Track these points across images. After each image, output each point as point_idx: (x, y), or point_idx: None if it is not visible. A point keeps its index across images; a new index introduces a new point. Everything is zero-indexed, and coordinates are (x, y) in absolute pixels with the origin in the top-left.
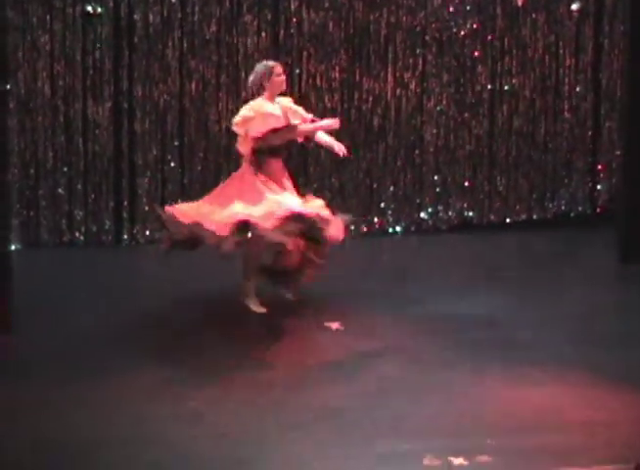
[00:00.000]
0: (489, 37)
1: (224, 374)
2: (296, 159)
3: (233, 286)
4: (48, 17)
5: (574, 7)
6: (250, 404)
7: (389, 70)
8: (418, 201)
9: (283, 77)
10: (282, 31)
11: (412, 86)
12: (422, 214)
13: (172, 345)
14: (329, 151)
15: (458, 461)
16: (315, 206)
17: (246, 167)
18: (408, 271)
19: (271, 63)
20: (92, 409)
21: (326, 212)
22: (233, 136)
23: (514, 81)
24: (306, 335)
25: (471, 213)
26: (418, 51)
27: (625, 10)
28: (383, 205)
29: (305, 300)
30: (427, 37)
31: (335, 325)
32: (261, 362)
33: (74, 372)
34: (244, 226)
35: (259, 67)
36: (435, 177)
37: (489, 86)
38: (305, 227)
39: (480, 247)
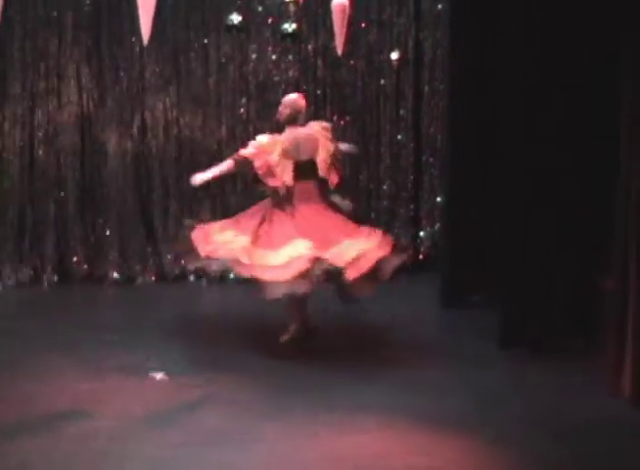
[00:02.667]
0: (311, 86)
1: (50, 425)
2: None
3: (71, 338)
4: None
5: (394, 56)
6: (74, 456)
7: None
8: None
9: None
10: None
11: (237, 133)
12: None
13: None
14: None
15: None
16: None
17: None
18: (224, 322)
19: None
20: None
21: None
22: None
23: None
24: (131, 385)
25: None
26: (244, 100)
27: (444, 58)
28: None
29: (131, 349)
30: (250, 85)
31: (159, 375)
32: (86, 413)
33: None
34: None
35: (296, 100)
36: None
37: None
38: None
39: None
